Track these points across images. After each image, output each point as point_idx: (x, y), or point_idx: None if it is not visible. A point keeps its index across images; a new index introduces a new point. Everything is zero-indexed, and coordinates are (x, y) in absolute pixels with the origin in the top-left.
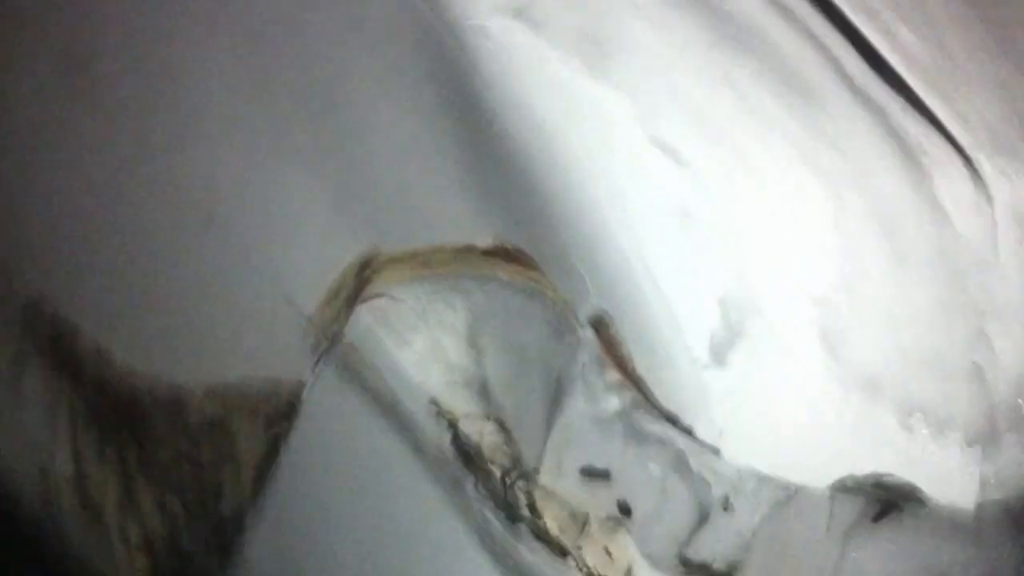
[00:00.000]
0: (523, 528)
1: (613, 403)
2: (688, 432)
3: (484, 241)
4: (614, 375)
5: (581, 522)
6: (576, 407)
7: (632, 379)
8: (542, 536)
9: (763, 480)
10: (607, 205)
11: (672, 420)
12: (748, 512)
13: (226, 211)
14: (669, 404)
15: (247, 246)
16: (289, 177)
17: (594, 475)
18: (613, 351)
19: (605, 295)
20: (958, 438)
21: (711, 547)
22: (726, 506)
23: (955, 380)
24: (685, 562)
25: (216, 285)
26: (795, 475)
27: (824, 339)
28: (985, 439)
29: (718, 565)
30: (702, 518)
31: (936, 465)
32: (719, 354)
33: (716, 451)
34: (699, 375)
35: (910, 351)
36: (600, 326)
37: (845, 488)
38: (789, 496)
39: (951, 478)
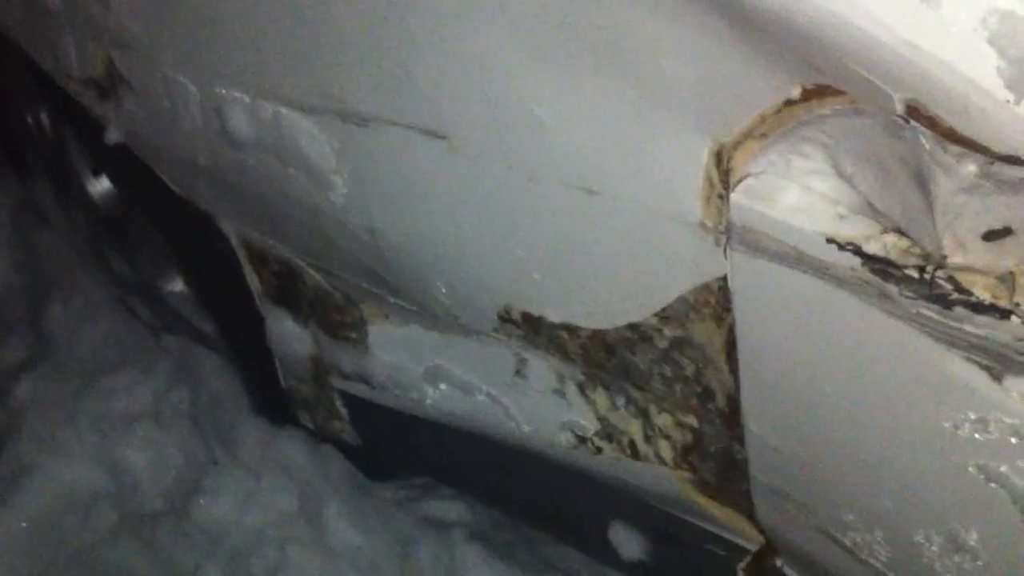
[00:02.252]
0: (960, 310)
1: (969, 168)
2: None
3: (795, 91)
4: (954, 147)
5: (1008, 281)
6: (944, 186)
7: (966, 143)
8: (980, 309)
9: None
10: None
11: (1020, 161)
12: None
13: (593, 175)
14: (1006, 149)
15: (621, 191)
16: (621, 116)
17: (996, 235)
18: (939, 127)
19: (902, 87)
20: None
21: None
22: None
23: None
24: None
25: (613, 233)
26: None
27: None
28: None
29: None
30: None
31: None
32: (1019, 87)
33: None
34: (1012, 113)
35: None
36: (916, 114)
37: None
38: None
39: None
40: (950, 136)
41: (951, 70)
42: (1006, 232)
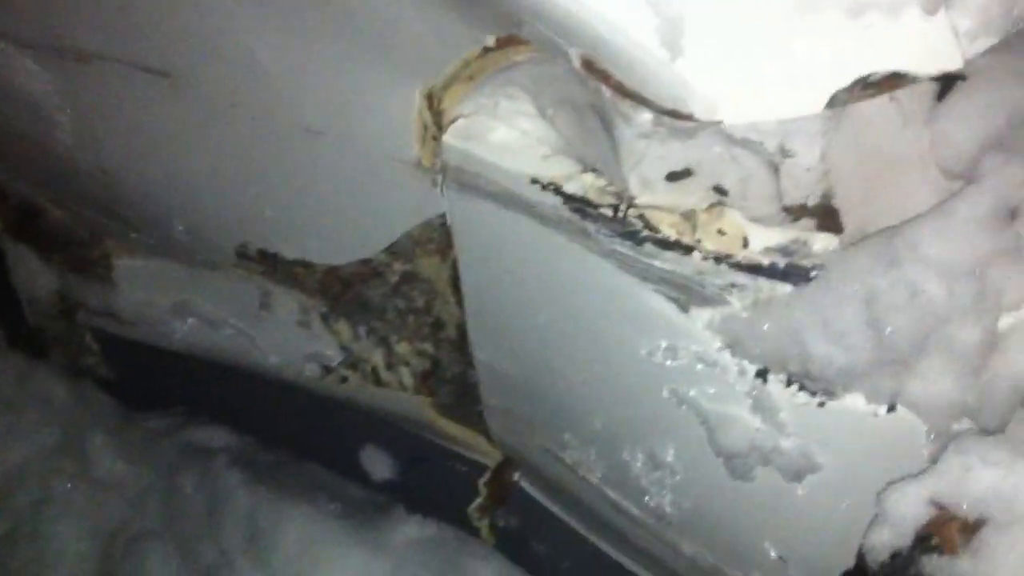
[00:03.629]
0: (649, 246)
1: (645, 116)
2: (692, 117)
3: (491, 40)
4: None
5: (691, 219)
6: (625, 132)
7: (635, 97)
8: (667, 245)
9: (800, 121)
10: None
11: (680, 115)
12: (807, 147)
13: (315, 116)
14: (669, 104)
15: (342, 132)
16: (338, 59)
17: (678, 176)
18: (610, 81)
19: (576, 43)
20: (916, 11)
21: (796, 188)
22: (785, 152)
23: None
24: (787, 210)
25: (338, 173)
26: (802, 108)
27: None
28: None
29: (812, 200)
30: (775, 168)
31: (909, 43)
32: (673, 45)
33: (721, 122)
34: (670, 70)
35: None
36: (590, 68)
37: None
38: (834, 120)
39: (930, 49)
40: (620, 90)
41: (616, 29)
42: (686, 173)
